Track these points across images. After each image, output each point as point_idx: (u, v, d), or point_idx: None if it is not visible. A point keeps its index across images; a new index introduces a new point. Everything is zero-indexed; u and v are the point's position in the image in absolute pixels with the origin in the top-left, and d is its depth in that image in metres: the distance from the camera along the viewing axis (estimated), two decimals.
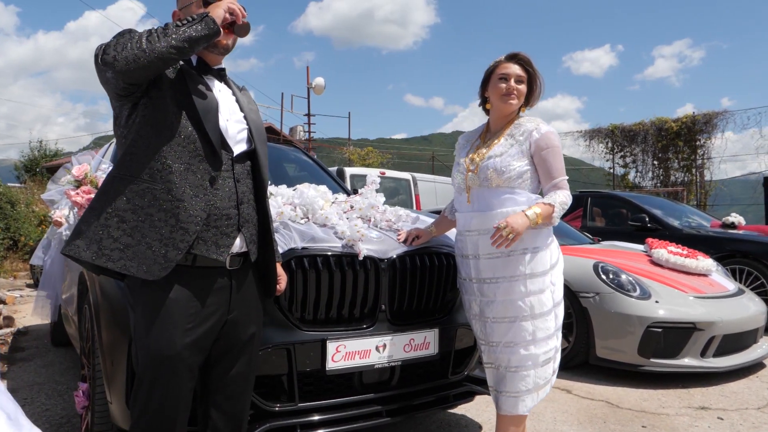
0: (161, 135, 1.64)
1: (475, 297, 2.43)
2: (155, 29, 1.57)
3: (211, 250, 1.68)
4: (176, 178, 1.63)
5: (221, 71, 1.86)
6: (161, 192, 1.62)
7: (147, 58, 1.53)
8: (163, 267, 1.60)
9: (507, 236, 2.20)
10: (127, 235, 1.60)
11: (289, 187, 4.27)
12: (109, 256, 1.59)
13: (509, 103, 2.41)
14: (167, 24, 1.60)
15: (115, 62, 1.54)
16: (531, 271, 2.29)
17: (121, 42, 1.55)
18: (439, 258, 2.63)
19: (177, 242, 1.61)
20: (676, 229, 6.59)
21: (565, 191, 2.34)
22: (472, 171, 2.40)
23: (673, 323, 3.92)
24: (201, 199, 1.65)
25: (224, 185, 1.71)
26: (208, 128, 1.68)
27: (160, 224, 1.61)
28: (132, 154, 1.65)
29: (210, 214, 1.67)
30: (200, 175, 1.66)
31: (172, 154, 1.64)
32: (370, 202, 2.62)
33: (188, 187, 1.64)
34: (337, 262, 2.35)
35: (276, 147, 4.76)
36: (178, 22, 1.59)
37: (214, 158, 1.70)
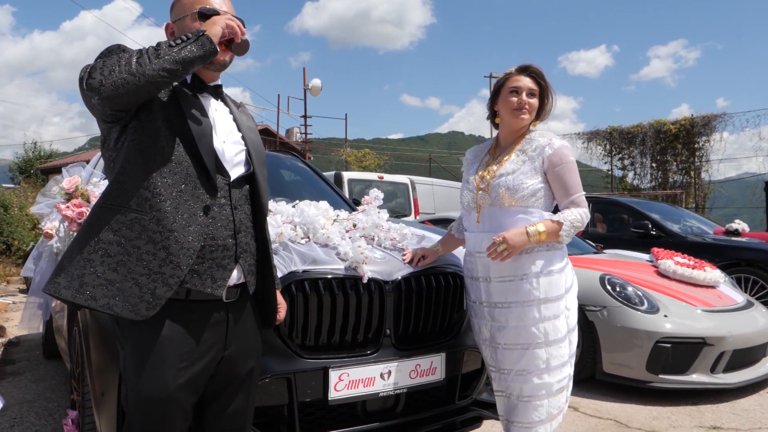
0: (151, 161, 1.52)
1: (486, 321, 2.31)
2: (146, 50, 1.44)
3: (206, 284, 1.56)
4: (167, 207, 1.50)
5: (217, 88, 1.74)
6: (150, 222, 1.49)
7: (137, 82, 1.41)
8: (150, 305, 1.47)
9: (501, 252, 2.13)
10: (112, 269, 1.47)
11: (286, 197, 4.21)
12: (91, 293, 1.46)
13: (521, 117, 2.30)
14: (159, 43, 1.46)
15: (102, 88, 1.40)
16: (545, 296, 2.18)
17: (109, 64, 1.42)
18: (446, 278, 2.52)
19: (167, 277, 1.48)
20: (679, 236, 6.49)
21: (581, 209, 2.23)
22: (483, 189, 2.29)
23: (682, 338, 3.82)
24: (194, 230, 1.52)
25: (220, 213, 1.59)
26: (203, 153, 1.56)
27: (149, 257, 1.48)
28: (120, 182, 1.53)
29: (205, 245, 1.54)
30: (193, 204, 1.54)
31: (162, 181, 1.51)
32: (374, 221, 2.50)
33: (180, 217, 1.51)
34: (339, 286, 2.24)
35: (273, 155, 4.64)
36: (171, 42, 1.45)
37: (209, 185, 1.57)
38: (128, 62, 1.41)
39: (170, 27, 1.72)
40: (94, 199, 3.10)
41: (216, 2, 1.68)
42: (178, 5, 1.71)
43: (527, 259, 2.20)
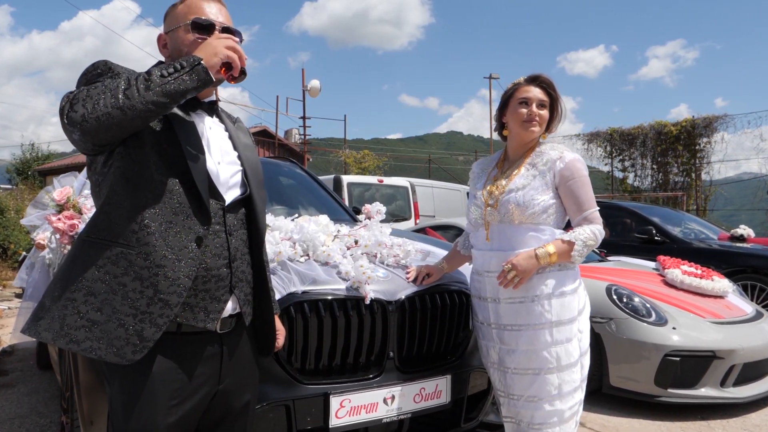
0: (139, 190, 1.41)
1: (494, 344, 2.21)
2: (135, 79, 1.31)
3: (199, 317, 1.45)
4: (156, 239, 1.39)
5: (212, 104, 1.63)
6: (138, 257, 1.38)
7: (123, 117, 1.27)
8: (137, 348, 1.36)
9: (512, 279, 2.05)
10: (96, 309, 1.36)
11: (284, 205, 4.11)
12: (72, 336, 1.35)
13: (531, 130, 2.20)
14: (150, 72, 1.33)
15: (84, 123, 1.28)
16: (557, 319, 2.08)
17: (93, 95, 1.29)
18: (451, 297, 2.42)
19: (155, 317, 1.37)
20: (684, 242, 6.40)
21: (594, 226, 2.13)
22: (491, 206, 2.18)
23: (691, 351, 3.72)
24: (185, 264, 1.41)
25: (214, 241, 1.48)
26: (196, 180, 1.44)
27: (135, 296, 1.37)
28: (105, 213, 1.42)
29: (197, 277, 1.44)
30: (185, 236, 1.42)
31: (151, 212, 1.40)
32: (377, 239, 2.40)
33: (170, 251, 1.40)
34: (340, 307, 2.14)
35: (271, 162, 4.54)
36: (163, 71, 1.32)
37: (202, 214, 1.46)
38: (114, 94, 1.28)
39: (162, 38, 1.61)
40: (86, 211, 2.99)
41: (212, 12, 1.56)
42: (172, 15, 1.60)
43: (538, 280, 2.10)
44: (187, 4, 1.57)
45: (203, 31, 1.53)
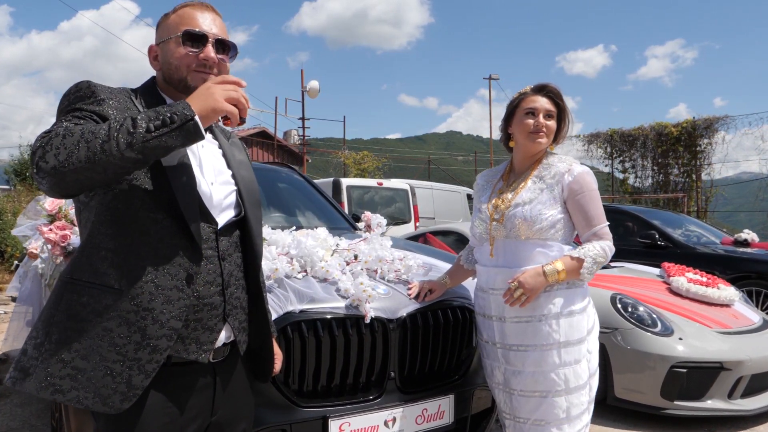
0: (124, 227, 1.31)
1: (499, 364, 2.13)
2: (118, 129, 1.17)
3: (190, 349, 1.36)
4: (142, 281, 1.30)
5: None
6: (123, 300, 1.29)
7: (96, 173, 1.16)
8: (125, 397, 1.27)
9: (519, 297, 1.97)
10: (81, 357, 1.27)
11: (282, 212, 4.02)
12: (57, 385, 1.26)
13: (538, 141, 2.12)
14: (136, 122, 1.17)
15: (54, 174, 1.16)
16: (565, 339, 2.00)
17: (68, 145, 1.15)
18: (454, 313, 2.34)
19: (143, 364, 1.28)
20: (687, 247, 6.32)
21: (604, 242, 2.05)
22: (497, 220, 2.10)
23: (698, 363, 3.64)
24: (175, 305, 1.32)
25: (206, 268, 1.39)
26: (186, 215, 1.34)
27: (122, 341, 1.28)
28: (88, 255, 1.33)
29: (188, 310, 1.35)
30: (174, 274, 1.33)
31: (137, 251, 1.31)
32: (378, 254, 2.31)
33: (159, 291, 1.30)
34: (339, 326, 2.06)
35: (269, 168, 4.46)
36: (150, 124, 1.17)
37: (193, 250, 1.36)
38: (92, 146, 1.15)
39: (153, 50, 1.52)
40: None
41: (205, 23, 1.47)
42: (163, 26, 1.51)
43: (545, 299, 2.02)
44: (179, 14, 1.49)
45: (196, 43, 1.45)
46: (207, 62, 1.45)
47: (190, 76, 1.44)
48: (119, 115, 1.33)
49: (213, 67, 1.46)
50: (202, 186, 1.41)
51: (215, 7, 1.54)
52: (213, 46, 1.46)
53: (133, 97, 1.43)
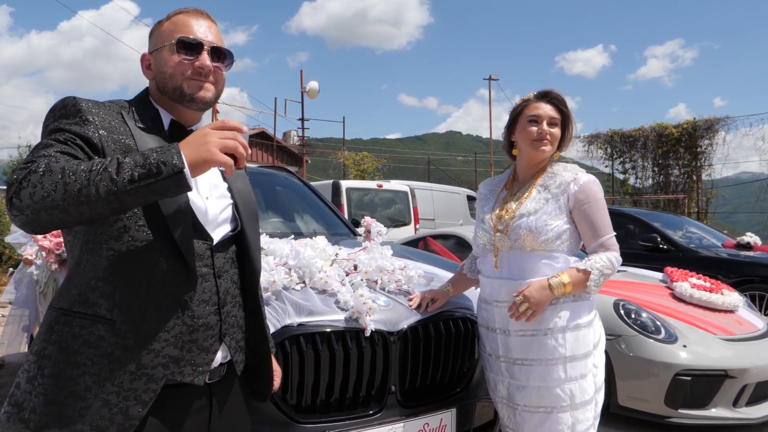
0: (114, 254, 1.26)
1: (503, 378, 2.08)
2: (99, 173, 1.08)
3: (186, 372, 1.31)
4: (136, 308, 1.24)
5: None
6: (117, 330, 1.23)
7: (70, 216, 1.10)
8: (122, 428, 1.22)
9: (524, 312, 1.92)
10: (75, 390, 1.22)
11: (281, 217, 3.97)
12: (53, 419, 1.21)
13: (541, 149, 2.07)
14: (120, 166, 1.09)
15: (27, 212, 1.09)
16: (571, 354, 1.95)
17: (46, 185, 1.08)
18: (456, 324, 2.29)
19: (140, 393, 1.23)
20: (690, 250, 6.28)
21: (611, 253, 2.00)
22: (501, 231, 2.05)
23: (702, 371, 3.59)
24: (171, 332, 1.27)
25: (201, 286, 1.33)
26: (177, 237, 1.28)
27: (118, 371, 1.22)
28: (77, 284, 1.27)
29: (184, 334, 1.30)
30: (169, 298, 1.27)
31: (128, 276, 1.25)
32: (378, 265, 2.26)
33: (153, 319, 1.25)
34: (339, 339, 2.01)
35: (268, 173, 4.40)
36: (135, 171, 1.09)
37: (188, 273, 1.30)
38: (69, 189, 1.08)
39: (146, 58, 1.46)
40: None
41: (200, 31, 1.42)
42: (156, 33, 1.45)
43: (551, 312, 1.97)
44: (173, 22, 1.43)
45: (190, 51, 1.39)
46: (202, 70, 1.40)
47: (186, 84, 1.39)
48: (107, 138, 1.27)
49: (209, 75, 1.41)
50: (196, 201, 1.36)
51: (211, 14, 1.49)
52: (208, 53, 1.41)
53: (125, 112, 1.37)
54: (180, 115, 1.44)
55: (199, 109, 1.44)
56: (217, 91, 1.46)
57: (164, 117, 1.43)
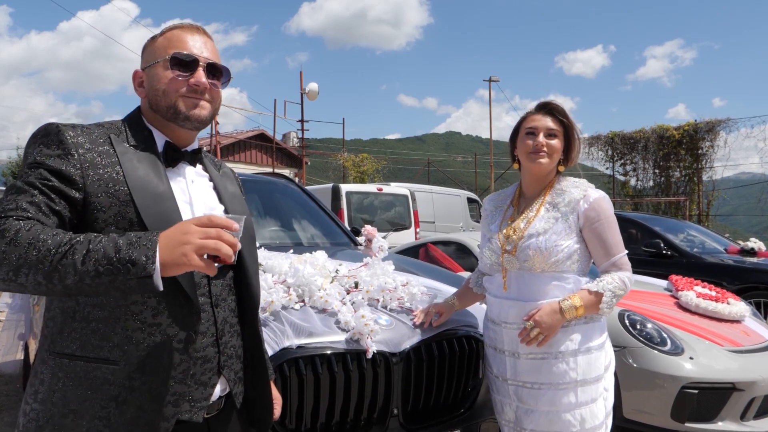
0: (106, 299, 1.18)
1: (510, 401, 2.01)
2: (67, 253, 1.03)
3: (183, 409, 1.23)
4: (133, 352, 1.18)
5: (195, 152, 1.41)
6: (114, 374, 1.17)
7: (29, 290, 1.06)
8: None
9: (536, 337, 1.86)
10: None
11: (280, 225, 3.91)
12: None
13: (538, 162, 2.00)
14: (88, 253, 1.03)
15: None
16: (583, 378, 1.89)
17: (10, 256, 1.03)
18: (460, 343, 2.22)
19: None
20: (693, 256, 6.21)
21: (624, 273, 1.94)
22: (509, 252, 1.98)
23: (710, 383, 3.52)
24: (173, 374, 1.20)
25: (198, 317, 1.26)
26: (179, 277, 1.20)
27: (116, 418, 1.16)
28: (71, 328, 1.20)
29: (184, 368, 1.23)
30: (166, 337, 1.20)
31: (125, 320, 1.19)
32: (380, 284, 2.19)
33: (156, 356, 1.19)
34: (339, 361, 1.94)
35: (267, 180, 4.34)
36: (99, 266, 1.02)
37: (189, 310, 1.24)
38: (33, 269, 1.02)
39: (139, 75, 1.39)
40: None
41: (195, 46, 1.35)
42: (149, 49, 1.39)
43: (563, 334, 1.91)
44: (167, 37, 1.37)
45: (184, 68, 1.33)
46: (198, 87, 1.33)
47: (181, 102, 1.32)
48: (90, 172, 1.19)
49: (204, 93, 1.35)
50: None
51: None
52: (204, 70, 1.34)
53: (114, 135, 1.29)
54: (174, 135, 1.37)
55: (195, 128, 1.37)
56: (213, 109, 1.39)
57: (158, 138, 1.36)
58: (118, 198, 1.20)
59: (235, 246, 1.08)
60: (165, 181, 1.28)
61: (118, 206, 1.20)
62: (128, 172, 1.23)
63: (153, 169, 1.28)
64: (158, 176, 1.28)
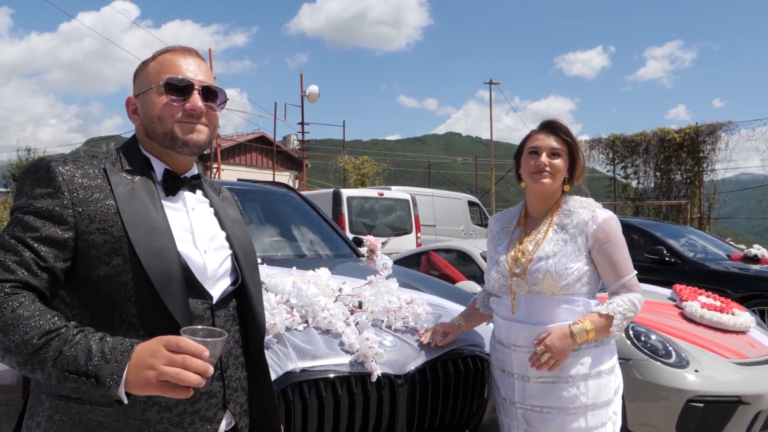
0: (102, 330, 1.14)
1: (518, 424, 1.98)
2: (41, 347, 1.03)
3: None
4: (134, 399, 1.13)
5: (195, 178, 1.38)
6: (114, 413, 1.13)
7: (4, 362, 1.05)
8: None
9: (547, 361, 1.83)
10: None
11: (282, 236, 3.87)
12: None
13: (541, 182, 1.98)
14: (60, 353, 1.03)
15: None
16: (593, 402, 1.87)
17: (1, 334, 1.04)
18: (465, 363, 2.19)
19: None
20: (697, 263, 6.18)
21: (633, 294, 1.92)
22: (518, 275, 1.95)
23: (715, 397, 3.49)
24: (173, 412, 1.17)
25: None
26: (171, 305, 1.17)
27: None
28: None
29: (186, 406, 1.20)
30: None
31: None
32: (384, 305, 2.16)
33: (145, 402, 1.15)
34: (343, 384, 1.91)
35: (268, 191, 4.31)
36: (66, 371, 1.01)
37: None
38: (9, 354, 1.03)
39: (132, 102, 1.35)
40: None
41: (189, 70, 1.32)
42: (142, 75, 1.34)
43: (573, 358, 1.89)
44: (160, 62, 1.33)
45: (179, 93, 1.29)
46: (194, 112, 1.29)
47: (177, 128, 1.29)
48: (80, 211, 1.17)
49: (201, 117, 1.31)
50: (193, 258, 1.26)
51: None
52: (199, 94, 1.30)
53: (110, 166, 1.26)
54: (172, 162, 1.34)
55: (193, 153, 1.33)
56: (211, 133, 1.35)
57: (156, 166, 1.33)
58: (112, 234, 1.17)
59: (206, 372, 1.01)
60: (161, 213, 1.25)
61: (112, 243, 1.17)
62: (122, 206, 1.20)
63: (149, 200, 1.24)
64: (154, 208, 1.24)
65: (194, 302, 1.24)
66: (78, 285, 1.17)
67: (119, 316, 1.16)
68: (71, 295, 1.18)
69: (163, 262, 1.18)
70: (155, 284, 1.16)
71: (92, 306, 1.17)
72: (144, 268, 1.16)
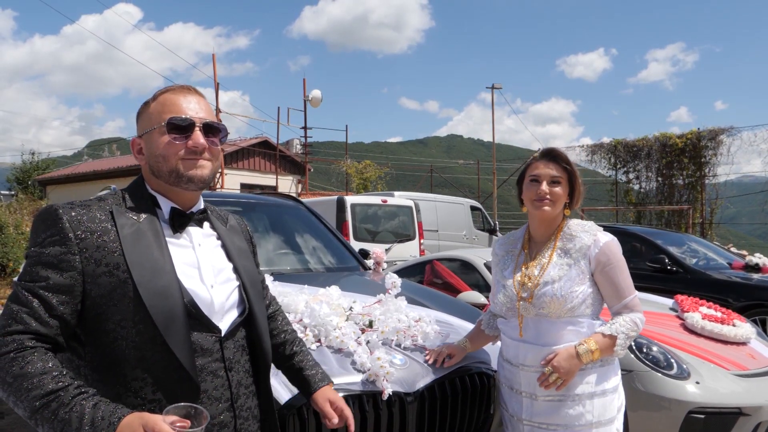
0: (114, 376, 1.21)
1: None
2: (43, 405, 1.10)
3: None
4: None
5: (201, 212, 1.43)
6: None
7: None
8: None
9: (555, 381, 1.91)
10: None
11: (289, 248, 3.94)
12: None
13: (542, 209, 2.07)
14: (57, 415, 1.10)
15: None
16: (598, 420, 1.95)
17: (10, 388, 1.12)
18: (473, 380, 2.26)
19: None
20: (698, 272, 6.23)
21: (635, 314, 2.01)
22: (525, 299, 2.04)
23: (716, 408, 3.54)
24: None
25: (212, 383, 1.29)
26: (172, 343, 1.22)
27: None
28: None
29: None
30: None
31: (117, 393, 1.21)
32: (394, 325, 2.23)
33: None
34: (356, 402, 1.97)
35: (275, 203, 4.38)
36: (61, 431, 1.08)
37: (190, 385, 1.25)
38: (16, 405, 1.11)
39: (137, 143, 1.40)
40: None
41: (190, 108, 1.37)
42: (144, 116, 1.40)
43: (579, 377, 1.97)
44: (161, 102, 1.38)
45: (181, 132, 1.34)
46: (197, 149, 1.35)
47: (181, 165, 1.34)
48: (87, 257, 1.22)
49: (203, 153, 1.37)
50: (200, 293, 1.31)
51: (198, 89, 1.43)
52: (201, 130, 1.36)
53: (116, 208, 1.31)
54: (179, 199, 1.39)
55: (198, 188, 1.38)
56: (214, 167, 1.41)
57: (163, 204, 1.38)
58: (118, 277, 1.22)
59: None
60: (165, 252, 1.29)
61: (118, 284, 1.22)
62: (127, 248, 1.25)
63: (154, 240, 1.29)
64: (159, 248, 1.29)
65: (203, 336, 1.29)
66: (89, 324, 1.23)
67: (126, 354, 1.22)
68: (84, 333, 1.24)
69: (166, 301, 1.23)
70: (157, 324, 1.21)
71: (102, 345, 1.23)
72: (147, 308, 1.21)
